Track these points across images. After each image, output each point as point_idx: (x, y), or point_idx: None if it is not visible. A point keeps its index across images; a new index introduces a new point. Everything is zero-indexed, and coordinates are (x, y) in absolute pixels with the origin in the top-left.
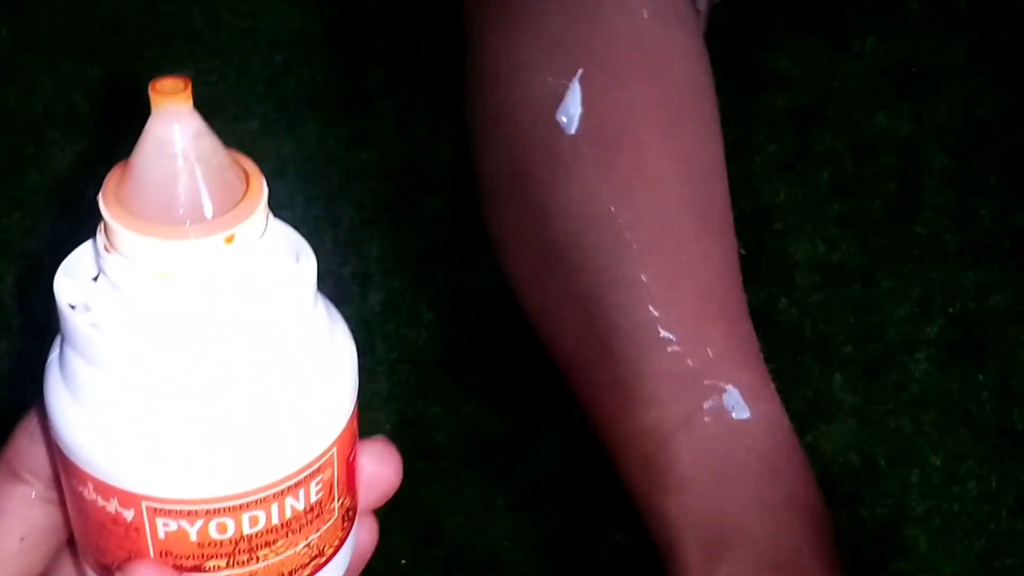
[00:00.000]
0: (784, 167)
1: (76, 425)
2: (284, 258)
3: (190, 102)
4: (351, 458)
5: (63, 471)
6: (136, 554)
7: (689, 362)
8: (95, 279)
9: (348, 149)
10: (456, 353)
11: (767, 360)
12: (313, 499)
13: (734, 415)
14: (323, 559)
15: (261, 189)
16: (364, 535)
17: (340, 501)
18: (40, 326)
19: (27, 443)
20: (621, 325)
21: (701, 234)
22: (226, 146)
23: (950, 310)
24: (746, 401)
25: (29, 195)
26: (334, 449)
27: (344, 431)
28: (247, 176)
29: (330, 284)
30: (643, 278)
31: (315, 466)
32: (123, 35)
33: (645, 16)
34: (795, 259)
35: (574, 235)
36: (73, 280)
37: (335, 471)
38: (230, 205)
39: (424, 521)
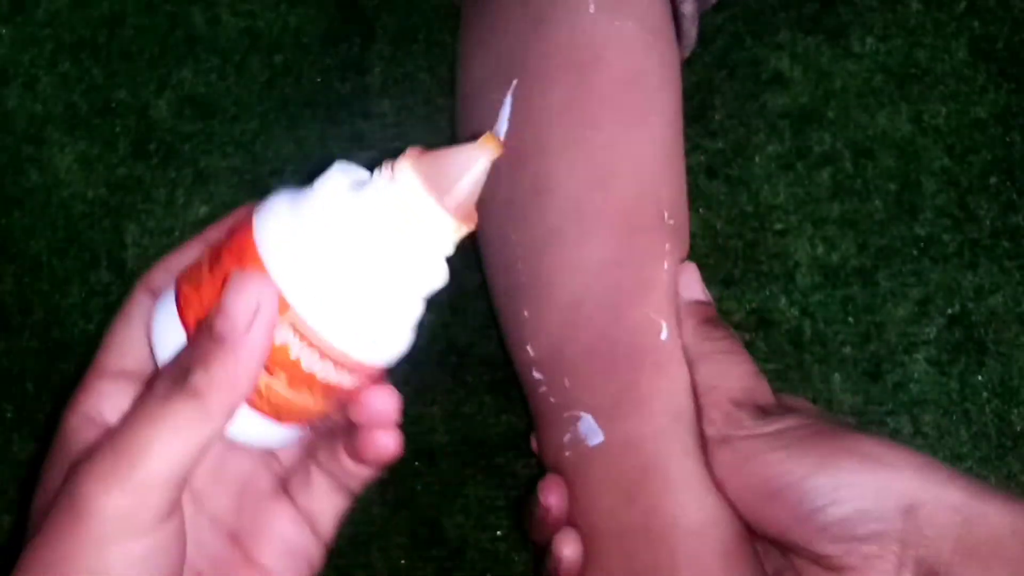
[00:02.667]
0: (784, 167)
1: (285, 247)
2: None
3: (498, 156)
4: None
5: (238, 256)
6: None
7: (552, 400)
8: (351, 192)
9: (348, 149)
10: (456, 353)
11: (766, 360)
12: (347, 386)
13: (589, 443)
14: (305, 426)
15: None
16: (386, 399)
17: (335, 405)
18: (39, 325)
19: (161, 274)
20: (517, 368)
21: (583, 236)
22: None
23: (950, 311)
24: (600, 424)
25: (28, 195)
26: (384, 371)
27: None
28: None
29: None
30: (524, 314)
31: (375, 371)
32: (123, 35)
33: (591, 10)
34: (795, 259)
35: (492, 275)
36: (346, 176)
37: (369, 382)
38: (466, 213)
39: (424, 521)
